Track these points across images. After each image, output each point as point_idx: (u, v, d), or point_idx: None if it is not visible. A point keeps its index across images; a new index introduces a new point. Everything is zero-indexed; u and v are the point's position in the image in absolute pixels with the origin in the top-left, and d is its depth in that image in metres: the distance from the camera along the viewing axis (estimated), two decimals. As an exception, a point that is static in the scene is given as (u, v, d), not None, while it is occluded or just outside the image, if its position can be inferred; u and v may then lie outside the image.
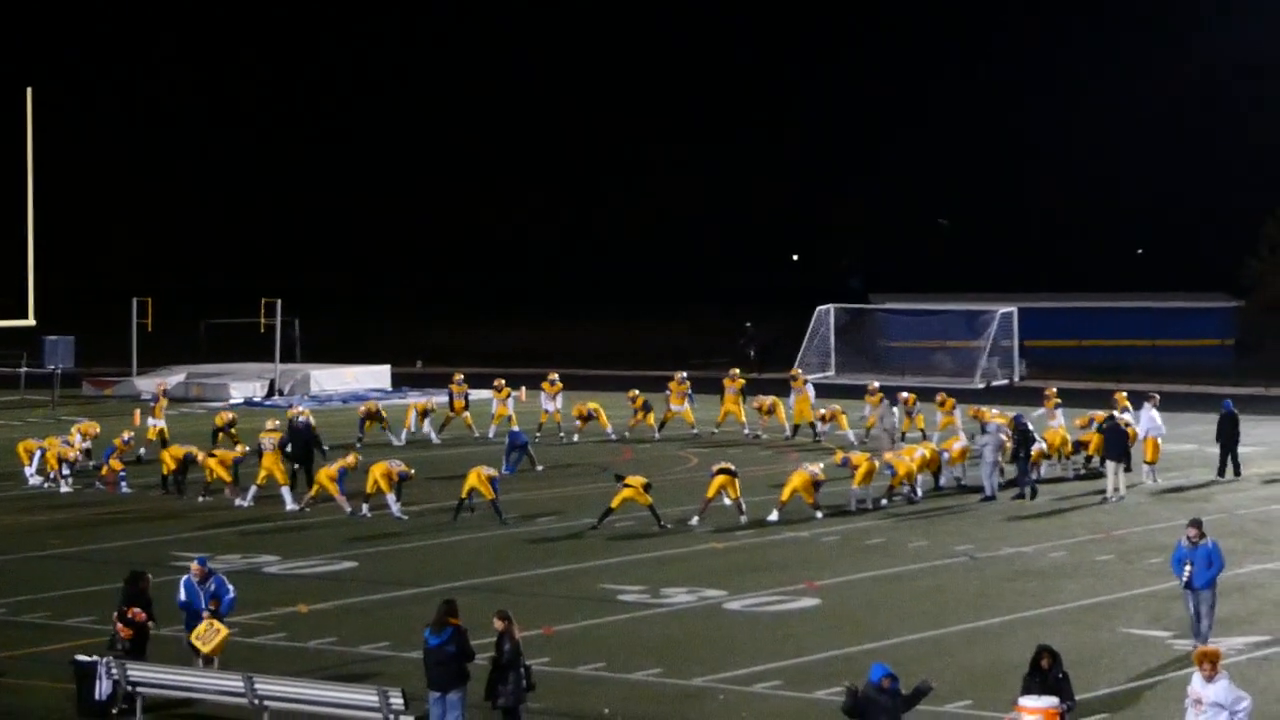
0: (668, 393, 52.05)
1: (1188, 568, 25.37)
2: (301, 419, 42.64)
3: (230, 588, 24.41)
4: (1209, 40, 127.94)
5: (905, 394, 49.62)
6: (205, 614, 23.89)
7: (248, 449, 41.33)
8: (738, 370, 54.15)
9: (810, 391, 51.71)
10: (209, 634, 23.71)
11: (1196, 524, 25.83)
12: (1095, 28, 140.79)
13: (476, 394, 52.99)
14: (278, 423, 43.21)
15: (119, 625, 23.56)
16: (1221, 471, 42.90)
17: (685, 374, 53.12)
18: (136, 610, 23.63)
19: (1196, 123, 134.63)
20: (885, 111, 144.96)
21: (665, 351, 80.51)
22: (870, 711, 18.76)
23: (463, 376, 52.79)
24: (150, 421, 47.48)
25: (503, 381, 51.74)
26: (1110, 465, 40.04)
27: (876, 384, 50.15)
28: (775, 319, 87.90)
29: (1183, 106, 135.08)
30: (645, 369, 74.03)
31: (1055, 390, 46.69)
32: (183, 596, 24.33)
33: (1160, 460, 42.46)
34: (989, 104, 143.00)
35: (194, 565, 24.62)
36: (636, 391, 52.65)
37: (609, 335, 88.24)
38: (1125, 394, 45.47)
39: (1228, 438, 43.06)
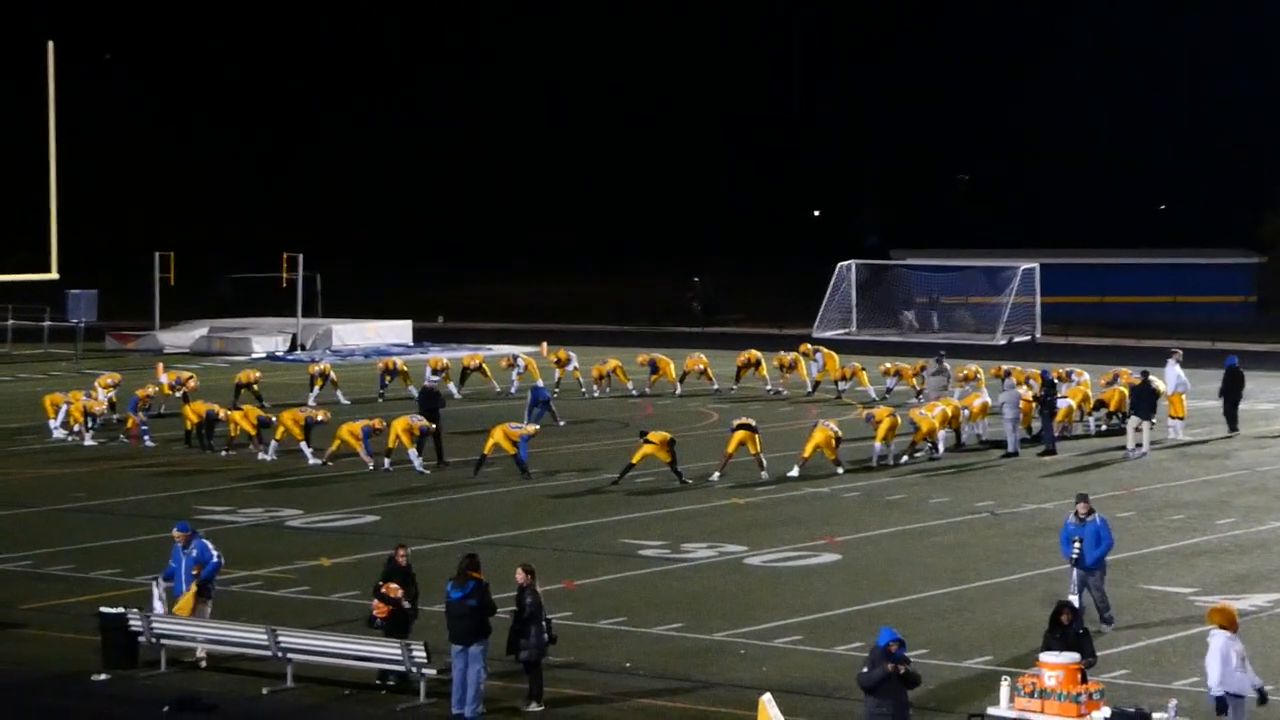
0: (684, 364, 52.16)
1: (1076, 545, 24.13)
2: (432, 379, 44.85)
3: (214, 554, 23.48)
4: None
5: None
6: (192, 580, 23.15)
7: (269, 407, 41.52)
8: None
9: (819, 359, 51.75)
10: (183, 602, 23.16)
11: (1083, 499, 24.73)
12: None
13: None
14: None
15: (376, 601, 22.46)
16: (1232, 427, 42.87)
17: (703, 356, 53.08)
18: (392, 585, 22.37)
19: (1219, 77, 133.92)
20: (904, 66, 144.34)
21: (668, 306, 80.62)
22: (881, 688, 18.62)
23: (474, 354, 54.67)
24: (162, 378, 47.40)
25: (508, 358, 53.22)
26: (1133, 420, 40.03)
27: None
28: (796, 274, 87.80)
29: (1204, 62, 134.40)
30: (647, 325, 74.82)
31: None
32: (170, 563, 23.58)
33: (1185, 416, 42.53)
34: (1008, 57, 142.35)
35: (175, 531, 23.68)
36: (644, 354, 53.15)
37: (622, 291, 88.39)
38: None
39: (1231, 393, 43.01)
